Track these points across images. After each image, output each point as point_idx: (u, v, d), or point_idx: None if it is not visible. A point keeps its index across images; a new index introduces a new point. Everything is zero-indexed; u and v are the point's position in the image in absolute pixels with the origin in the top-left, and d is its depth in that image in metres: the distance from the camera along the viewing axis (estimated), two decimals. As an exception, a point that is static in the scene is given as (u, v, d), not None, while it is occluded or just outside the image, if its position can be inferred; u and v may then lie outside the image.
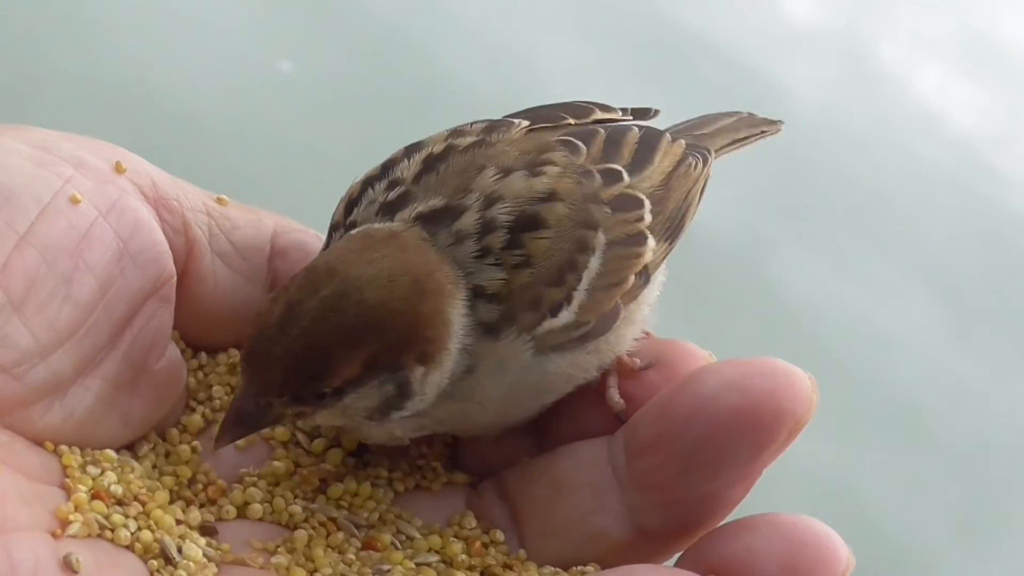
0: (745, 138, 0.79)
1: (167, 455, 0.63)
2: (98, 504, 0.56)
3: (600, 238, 0.63)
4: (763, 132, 0.80)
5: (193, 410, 0.64)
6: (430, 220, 0.62)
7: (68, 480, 0.57)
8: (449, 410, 0.62)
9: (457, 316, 0.60)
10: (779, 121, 0.82)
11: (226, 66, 1.88)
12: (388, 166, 0.65)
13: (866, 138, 2.16)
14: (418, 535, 0.62)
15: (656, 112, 0.73)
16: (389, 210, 0.63)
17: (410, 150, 0.66)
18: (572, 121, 0.70)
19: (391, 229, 0.61)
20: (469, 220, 0.61)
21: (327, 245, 0.64)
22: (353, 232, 0.62)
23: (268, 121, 1.82)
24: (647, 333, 0.66)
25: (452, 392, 0.61)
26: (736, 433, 0.57)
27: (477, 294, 0.60)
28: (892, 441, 1.76)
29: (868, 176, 2.09)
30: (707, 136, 0.76)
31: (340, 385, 0.58)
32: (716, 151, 0.77)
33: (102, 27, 1.85)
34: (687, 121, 0.78)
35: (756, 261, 1.91)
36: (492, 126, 0.67)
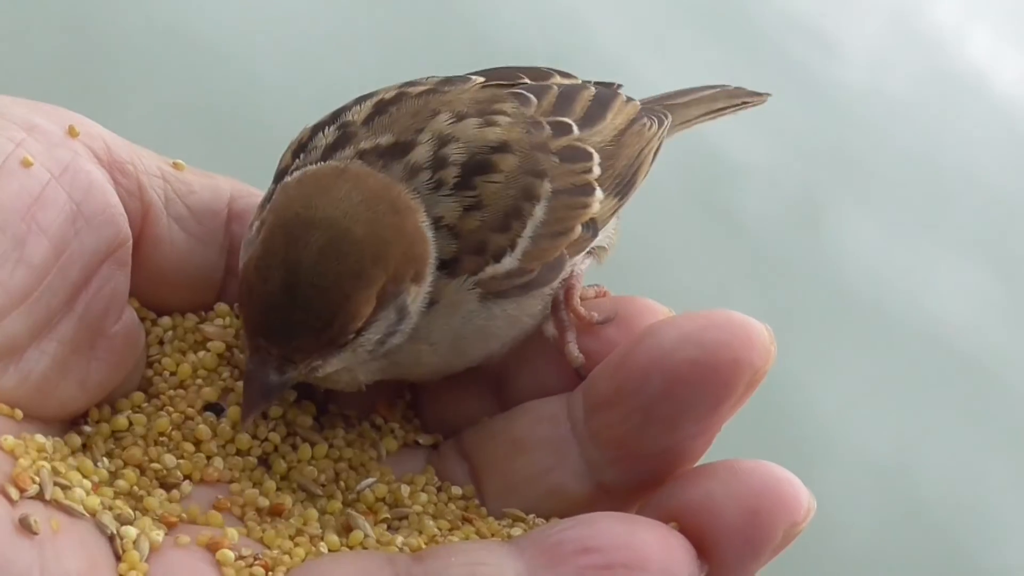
0: (722, 108, 0.80)
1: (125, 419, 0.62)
2: (56, 466, 0.56)
3: (546, 186, 0.64)
4: (744, 103, 0.81)
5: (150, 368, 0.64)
6: (378, 155, 0.62)
7: (24, 443, 0.57)
8: (407, 351, 0.62)
9: (429, 231, 0.61)
10: (765, 93, 0.82)
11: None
12: (339, 113, 0.66)
13: (915, 100, 2.13)
14: None
15: (619, 86, 0.73)
16: (331, 150, 0.63)
17: (361, 98, 0.66)
18: (528, 81, 0.70)
19: (334, 165, 0.61)
20: (422, 154, 0.62)
21: (270, 195, 0.63)
22: (297, 175, 0.62)
23: (276, 45, 1.77)
24: (604, 290, 0.66)
25: (414, 331, 0.61)
26: (694, 386, 0.57)
27: (436, 224, 0.61)
28: (947, 409, 1.74)
29: (918, 139, 2.07)
30: (680, 105, 0.77)
31: (362, 326, 0.59)
32: (689, 120, 0.77)
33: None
34: (664, 93, 0.78)
35: (807, 223, 1.89)
36: (447, 80, 0.68)
